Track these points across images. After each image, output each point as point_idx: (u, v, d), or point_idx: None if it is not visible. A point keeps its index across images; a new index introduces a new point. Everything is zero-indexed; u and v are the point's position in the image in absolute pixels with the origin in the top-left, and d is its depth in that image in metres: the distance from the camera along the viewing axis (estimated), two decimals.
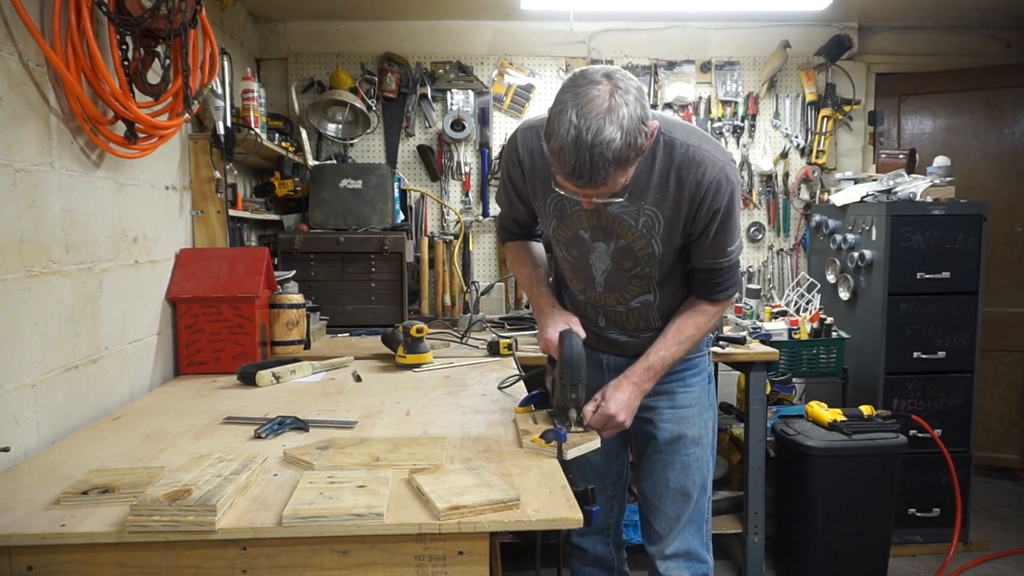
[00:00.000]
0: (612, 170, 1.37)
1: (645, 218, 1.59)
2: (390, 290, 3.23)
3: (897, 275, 3.14)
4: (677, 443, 1.84)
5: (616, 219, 1.61)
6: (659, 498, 1.89)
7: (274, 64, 3.71)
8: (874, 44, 3.87)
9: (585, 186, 1.40)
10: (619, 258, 1.67)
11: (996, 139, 3.85)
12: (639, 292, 1.74)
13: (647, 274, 1.69)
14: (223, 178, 2.58)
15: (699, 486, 1.86)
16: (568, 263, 1.77)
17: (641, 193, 1.57)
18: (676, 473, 1.85)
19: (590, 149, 1.33)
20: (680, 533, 1.87)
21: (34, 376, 1.65)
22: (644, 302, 1.76)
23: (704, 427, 1.87)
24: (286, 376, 2.22)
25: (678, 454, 1.85)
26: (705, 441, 1.87)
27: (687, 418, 1.84)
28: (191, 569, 1.20)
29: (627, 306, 1.77)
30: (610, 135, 1.33)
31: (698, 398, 1.86)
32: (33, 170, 1.65)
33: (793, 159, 3.86)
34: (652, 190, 1.56)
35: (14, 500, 1.29)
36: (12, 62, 1.59)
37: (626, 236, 1.63)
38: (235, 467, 1.34)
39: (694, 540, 1.88)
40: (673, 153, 1.54)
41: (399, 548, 1.21)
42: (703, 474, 1.87)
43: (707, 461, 1.88)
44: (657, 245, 1.62)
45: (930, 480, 3.21)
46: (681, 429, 1.83)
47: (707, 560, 1.90)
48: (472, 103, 3.73)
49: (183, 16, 1.94)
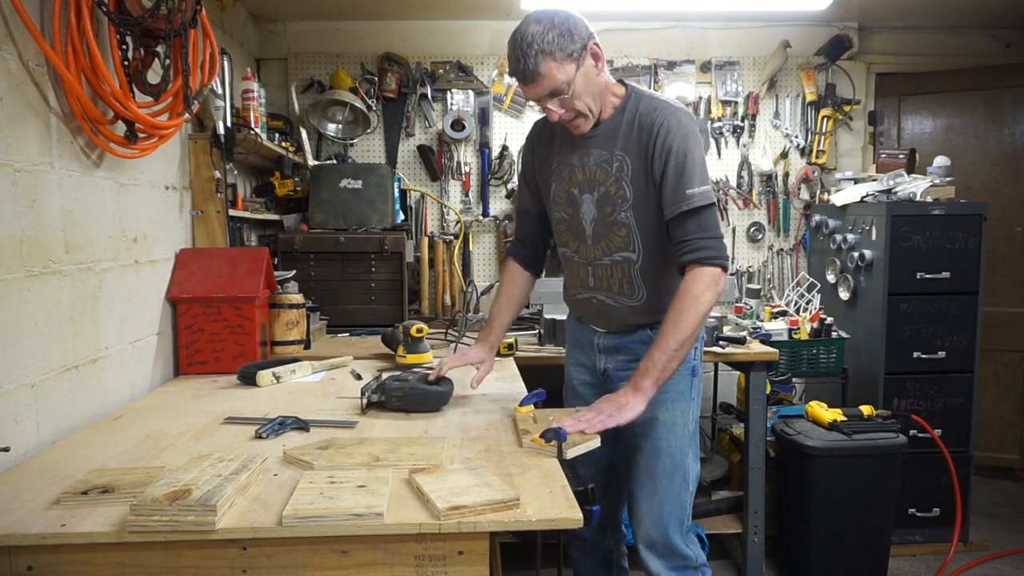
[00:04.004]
0: (540, 58, 1.66)
1: (617, 163, 1.80)
2: (390, 290, 3.23)
3: (897, 275, 3.14)
4: (648, 426, 1.85)
5: (598, 169, 1.83)
6: (633, 482, 1.92)
7: (274, 64, 3.71)
8: (874, 44, 3.87)
9: (528, 82, 1.70)
10: (601, 204, 1.84)
11: (996, 139, 3.85)
12: (621, 245, 1.84)
13: (625, 221, 1.82)
14: (223, 178, 2.58)
15: (670, 474, 1.86)
16: (565, 224, 1.94)
17: (614, 140, 1.81)
18: (645, 458, 1.88)
19: (519, 43, 1.69)
20: (656, 521, 1.87)
21: (34, 376, 1.65)
22: (626, 259, 1.85)
23: (681, 416, 1.87)
24: (286, 376, 2.22)
25: (648, 437, 1.87)
26: (680, 429, 1.87)
27: (661, 402, 1.83)
28: (191, 569, 1.20)
29: (611, 258, 1.87)
30: (532, 29, 1.68)
31: (674, 385, 1.84)
32: (33, 170, 1.65)
33: (793, 159, 3.86)
34: (621, 137, 1.80)
35: (14, 500, 1.29)
36: (12, 62, 1.59)
37: (604, 183, 1.83)
38: (235, 467, 1.34)
39: (675, 535, 1.87)
40: (639, 105, 1.80)
41: (399, 548, 1.21)
42: (676, 461, 1.87)
43: (681, 449, 1.87)
44: (627, 187, 1.79)
45: (930, 480, 3.21)
46: (652, 411, 1.81)
47: (688, 555, 1.88)
48: (472, 103, 3.73)
49: (183, 16, 1.94)
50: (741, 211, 3.87)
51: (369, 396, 1.86)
